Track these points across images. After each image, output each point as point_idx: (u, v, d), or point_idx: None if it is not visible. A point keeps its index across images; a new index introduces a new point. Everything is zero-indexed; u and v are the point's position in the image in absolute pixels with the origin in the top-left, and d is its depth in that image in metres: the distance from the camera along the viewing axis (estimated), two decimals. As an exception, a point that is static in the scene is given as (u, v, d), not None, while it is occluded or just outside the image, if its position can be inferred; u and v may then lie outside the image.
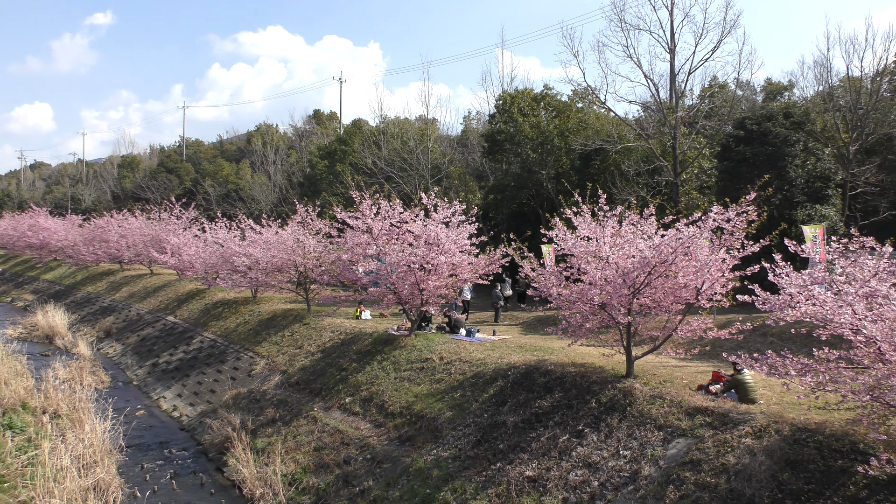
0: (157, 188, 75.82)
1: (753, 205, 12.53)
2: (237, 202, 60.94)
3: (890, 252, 9.38)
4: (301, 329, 24.28)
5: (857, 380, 8.81)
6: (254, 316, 28.06)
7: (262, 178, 63.46)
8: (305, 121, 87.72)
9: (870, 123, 30.34)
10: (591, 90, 34.95)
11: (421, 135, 47.50)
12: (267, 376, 21.58)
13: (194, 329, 29.85)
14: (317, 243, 26.13)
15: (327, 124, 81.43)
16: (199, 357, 26.23)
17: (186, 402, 22.89)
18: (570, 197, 14.59)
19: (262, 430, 17.94)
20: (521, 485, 11.58)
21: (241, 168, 75.86)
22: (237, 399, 20.46)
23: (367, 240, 20.33)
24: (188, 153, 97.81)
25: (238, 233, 32.83)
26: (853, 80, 31.65)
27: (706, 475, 9.75)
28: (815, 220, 23.82)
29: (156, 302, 37.31)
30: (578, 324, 13.98)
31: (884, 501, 7.99)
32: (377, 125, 54.61)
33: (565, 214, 14.53)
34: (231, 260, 28.88)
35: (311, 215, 27.25)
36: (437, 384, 16.49)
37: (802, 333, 10.50)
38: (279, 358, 22.52)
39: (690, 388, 12.57)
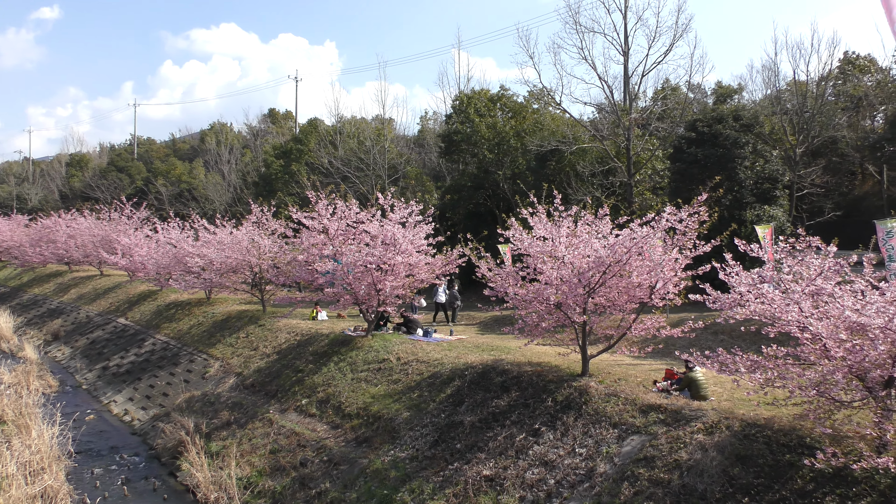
0: (107, 187, 74.12)
1: (705, 205, 12.77)
2: (190, 202, 59.96)
3: (835, 252, 9.66)
4: (256, 330, 23.99)
5: (804, 376, 9.05)
6: (208, 317, 27.63)
7: (216, 177, 62.53)
8: (260, 120, 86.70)
9: (815, 126, 31.23)
10: (547, 91, 35.29)
11: (377, 135, 47.33)
12: (221, 378, 21.27)
13: (146, 331, 29.27)
14: (272, 244, 25.86)
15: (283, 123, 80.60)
16: (152, 360, 25.72)
17: (138, 405, 22.43)
18: (527, 197, 14.68)
19: (216, 433, 17.67)
20: (479, 484, 11.62)
21: (195, 167, 74.64)
22: (191, 402, 20.12)
23: (324, 240, 20.18)
24: (139, 152, 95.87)
25: (191, 233, 32.28)
26: (799, 85, 32.52)
27: (660, 471, 9.91)
28: (764, 220, 24.39)
29: (106, 304, 36.49)
30: (535, 323, 14.08)
31: (829, 494, 8.22)
32: (333, 125, 54.25)
33: (521, 214, 14.62)
34: (184, 261, 28.40)
35: (266, 215, 26.95)
36: (394, 385, 16.45)
37: (752, 331, 10.78)
38: (234, 360, 22.22)
39: (644, 386, 12.77)
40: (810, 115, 31.06)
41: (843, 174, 36.23)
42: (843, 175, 36.06)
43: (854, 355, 8.53)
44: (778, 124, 32.26)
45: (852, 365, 8.59)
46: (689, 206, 12.74)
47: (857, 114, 36.48)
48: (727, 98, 41.16)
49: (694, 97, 42.45)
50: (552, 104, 36.59)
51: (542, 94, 36.29)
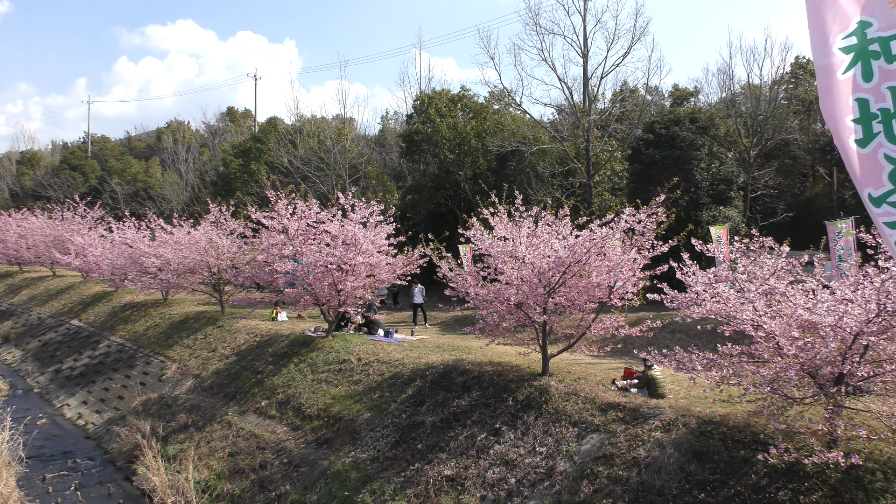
0: (59, 186, 72.41)
1: (662, 206, 12.97)
2: (146, 201, 58.92)
3: (787, 252, 9.89)
4: (215, 331, 23.66)
5: (758, 373, 9.24)
6: (165, 319, 27.17)
7: (173, 176, 61.55)
8: (219, 118, 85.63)
9: (768, 129, 31.95)
10: (508, 92, 35.53)
11: (338, 134, 47.08)
12: (179, 381, 20.93)
13: (101, 333, 28.65)
14: (231, 244, 25.55)
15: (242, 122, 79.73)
16: (107, 362, 25.19)
17: (92, 409, 21.95)
18: (487, 197, 14.76)
19: (173, 436, 17.39)
20: (440, 484, 11.63)
21: (151, 166, 73.39)
22: (147, 405, 19.77)
23: (283, 240, 20.00)
24: (93, 150, 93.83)
25: (147, 233, 31.71)
26: (753, 88, 33.25)
27: (618, 469, 10.03)
28: (720, 221, 24.86)
29: (59, 305, 35.63)
30: (495, 323, 14.14)
31: (782, 488, 8.41)
32: (293, 124, 53.81)
33: (482, 215, 14.67)
34: (140, 261, 27.89)
35: (224, 215, 26.62)
36: (355, 385, 16.37)
37: (708, 330, 10.99)
38: (192, 361, 21.89)
39: (604, 385, 12.91)
40: (764, 118, 31.77)
41: (795, 176, 37.13)
42: (795, 177, 36.96)
43: (806, 353, 8.75)
44: (733, 127, 32.93)
45: (804, 362, 8.81)
46: (648, 207, 12.92)
47: (809, 117, 37.38)
48: (684, 101, 41.88)
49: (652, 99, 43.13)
50: (513, 105, 36.86)
51: (502, 94, 36.53)
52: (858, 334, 8.40)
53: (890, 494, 7.75)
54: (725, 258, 19.72)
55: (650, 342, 16.20)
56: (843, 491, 8.02)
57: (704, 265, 12.29)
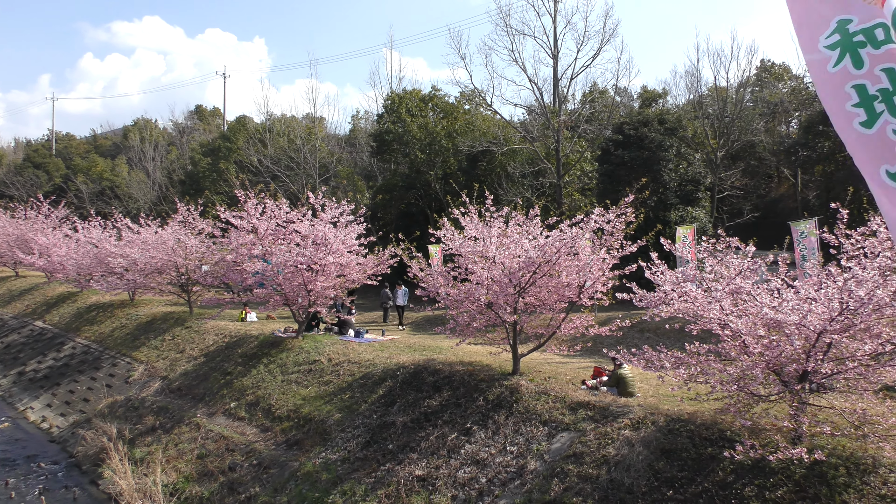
0: (22, 184, 70.92)
1: (631, 207, 13.09)
2: (113, 200, 58.04)
3: (753, 252, 10.04)
4: (183, 332, 23.39)
5: (725, 371, 9.37)
6: (131, 320, 26.78)
7: (140, 175, 60.69)
8: (187, 116, 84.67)
9: (735, 131, 32.44)
10: (478, 92, 35.66)
11: (308, 133, 46.83)
12: (146, 382, 20.65)
13: (66, 334, 28.15)
14: (199, 243, 25.29)
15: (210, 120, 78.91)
16: (72, 364, 24.76)
17: (57, 412, 21.56)
18: (458, 197, 14.76)
19: (140, 438, 17.15)
20: (411, 484, 11.62)
21: (118, 164, 72.23)
22: (113, 407, 19.47)
23: (253, 240, 19.82)
24: (58, 148, 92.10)
25: (114, 232, 31.24)
26: (720, 90, 33.71)
27: (588, 467, 10.11)
28: (687, 221, 25.18)
29: (22, 306, 34.95)
30: (466, 323, 14.16)
31: (748, 485, 8.54)
32: (263, 123, 53.43)
33: (453, 215, 14.68)
34: (106, 261, 27.46)
35: (193, 214, 26.32)
36: (325, 386, 16.29)
37: (676, 329, 11.13)
38: (159, 363, 21.61)
39: (574, 384, 13.00)
40: (730, 120, 32.24)
41: (761, 177, 37.73)
42: (760, 178, 37.55)
43: (771, 351, 8.89)
44: (700, 128, 33.36)
45: (770, 360, 8.95)
46: (617, 208, 13.04)
47: (774, 119, 38.03)
48: (652, 102, 42.32)
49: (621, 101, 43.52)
50: (483, 105, 36.96)
51: (473, 94, 36.62)
52: (822, 332, 8.56)
53: (852, 489, 7.91)
54: (693, 258, 19.98)
55: (619, 341, 16.35)
56: (808, 486, 8.17)
57: (673, 265, 12.43)
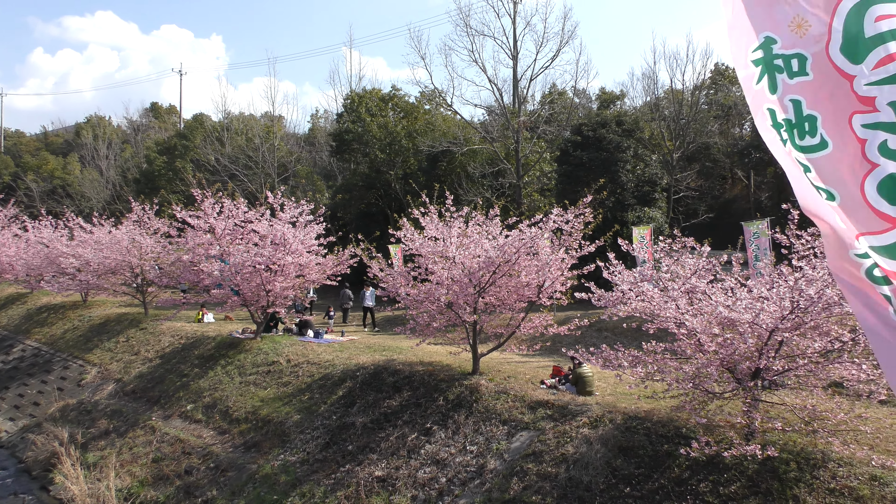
0: (-32, 183, 68.89)
1: (590, 207, 13.23)
2: (65, 199, 56.70)
3: (708, 252, 10.24)
4: (138, 334, 22.95)
5: (681, 369, 9.54)
6: (84, 321, 26.19)
7: (93, 173, 59.38)
8: (142, 114, 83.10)
9: (690, 133, 33.00)
10: (439, 92, 35.70)
11: (267, 132, 46.32)
12: (99, 385, 20.22)
13: (14, 337, 27.41)
14: (155, 243, 24.87)
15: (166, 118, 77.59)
16: (21, 367, 24.12)
17: (5, 416, 20.98)
18: (418, 197, 14.76)
19: (93, 443, 16.78)
20: (371, 485, 11.58)
21: (70, 162, 70.53)
22: (65, 411, 19.02)
23: (210, 240, 19.55)
24: (7, 145, 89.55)
25: (66, 232, 30.53)
26: (676, 93, 34.26)
27: (547, 465, 10.18)
28: (644, 221, 25.54)
29: (-32, 308, 33.93)
30: (426, 323, 14.16)
31: (703, 480, 8.70)
32: (220, 121, 52.71)
33: (413, 215, 14.67)
34: (58, 261, 26.84)
35: (148, 214, 25.87)
36: (284, 387, 16.14)
37: (633, 328, 11.26)
38: (113, 365, 21.17)
39: (533, 383, 13.09)
40: (686, 122, 32.80)
41: (715, 178, 38.46)
42: (715, 179, 38.28)
43: (725, 349, 9.07)
44: (657, 130, 33.87)
45: (724, 358, 9.13)
46: (575, 208, 13.16)
47: (728, 122, 38.81)
48: (610, 104, 42.85)
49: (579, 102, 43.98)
50: (443, 105, 37.02)
51: (433, 94, 36.66)
52: (774, 330, 8.76)
53: (803, 483, 8.11)
54: (650, 258, 20.27)
55: (578, 340, 16.48)
56: (760, 481, 8.35)
57: (630, 265, 12.60)
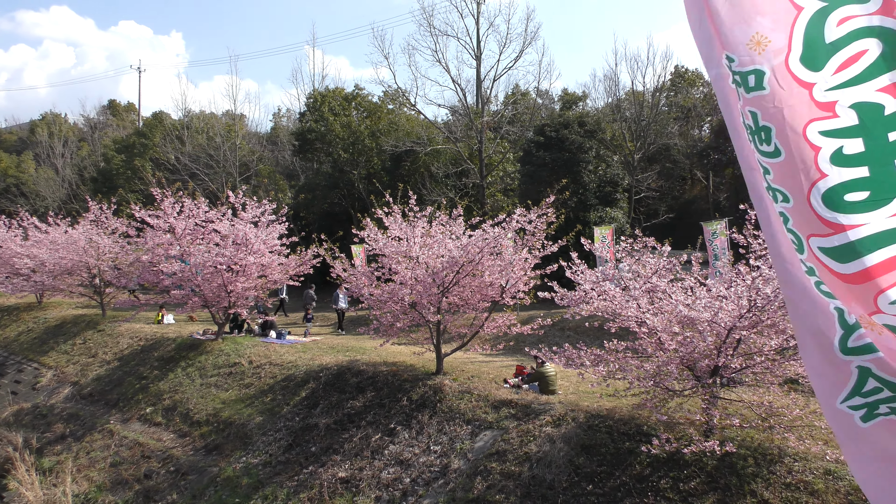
0: (-84, 181, 66.81)
1: (552, 207, 13.32)
2: (18, 198, 55.26)
3: (668, 251, 10.38)
4: (95, 336, 22.51)
5: (642, 367, 9.67)
6: (39, 323, 25.60)
7: (48, 172, 58.02)
8: (99, 111, 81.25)
9: (651, 134, 33.45)
10: (402, 92, 35.61)
11: (228, 131, 45.80)
12: (55, 389, 19.77)
13: (-35, 340, 26.69)
14: (113, 243, 24.42)
15: (124, 116, 76.11)
16: (-28, 371, 23.49)
17: (-44, 422, 20.42)
18: (382, 197, 14.71)
19: (49, 447, 16.41)
20: (334, 486, 11.52)
21: (24, 161, 68.74)
22: (19, 415, 18.56)
23: (170, 240, 19.25)
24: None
25: (20, 232, 29.78)
26: (637, 94, 34.68)
27: (511, 464, 10.23)
28: (606, 221, 25.81)
29: (-84, 310, 32.93)
30: (390, 323, 14.12)
31: (664, 477, 8.82)
32: (180, 119, 51.92)
33: (376, 215, 14.62)
34: (11, 262, 26.18)
35: (105, 213, 25.39)
36: (246, 389, 15.97)
37: (595, 327, 11.39)
38: (69, 368, 20.73)
39: (496, 383, 13.14)
40: (646, 124, 33.22)
41: (675, 179, 38.99)
42: (675, 180, 38.79)
43: (685, 347, 9.22)
44: (618, 131, 34.25)
45: (684, 356, 9.28)
46: (538, 208, 13.24)
47: (687, 123, 39.39)
48: (573, 105, 43.17)
49: (542, 103, 44.24)
50: (407, 105, 36.96)
51: (397, 94, 36.58)
52: (732, 329, 8.92)
53: (760, 479, 8.27)
54: (611, 257, 20.49)
55: (541, 340, 16.62)
56: (719, 477, 8.49)
57: (592, 264, 12.73)
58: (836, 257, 3.11)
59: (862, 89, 3.12)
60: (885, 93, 3.08)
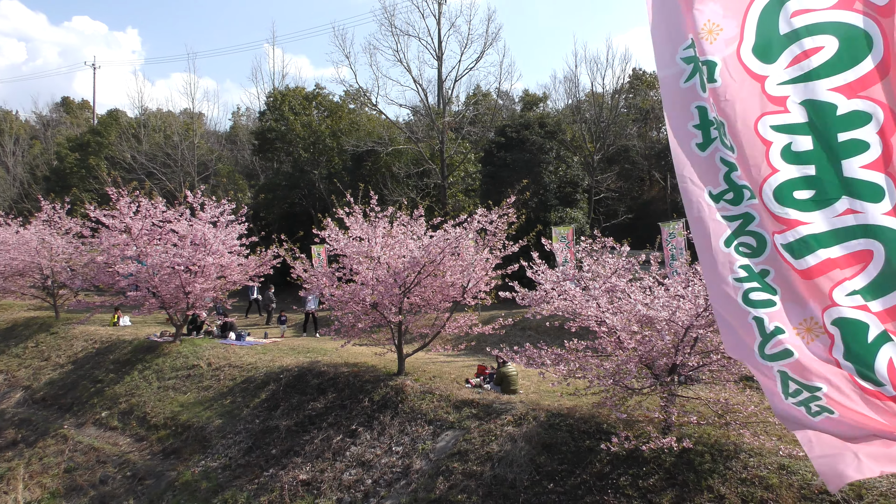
0: None
1: (513, 207, 13.41)
2: (-33, 198, 53.79)
3: (627, 251, 10.52)
4: (48, 339, 21.97)
5: (602, 366, 9.79)
6: (-12, 326, 24.92)
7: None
8: (52, 108, 79.25)
9: (610, 135, 33.85)
10: (363, 92, 35.49)
11: (186, 129, 45.04)
12: (6, 393, 19.25)
13: (-89, 344, 25.84)
14: (66, 244, 23.84)
15: (79, 114, 74.40)
16: (-82, 376, 22.76)
17: None
18: (343, 197, 14.63)
19: (0, 454, 16.00)
20: (295, 489, 11.43)
21: (-28, 159, 66.95)
22: (-33, 421, 18.04)
23: (126, 240, 18.88)
24: None
25: (-32, 232, 28.93)
26: (596, 96, 35.07)
27: (473, 464, 10.26)
28: (566, 222, 26.01)
29: None
30: (351, 324, 14.06)
31: (623, 474, 8.93)
32: (137, 117, 50.92)
33: (338, 215, 14.54)
34: (-41, 263, 25.43)
35: (59, 213, 24.78)
36: (205, 391, 15.75)
37: (556, 326, 11.50)
38: (21, 372, 20.20)
39: (458, 383, 13.17)
40: (606, 125, 33.62)
41: (634, 180, 39.50)
42: (633, 181, 39.31)
43: (644, 346, 9.35)
44: (578, 132, 34.57)
45: (642, 355, 9.41)
46: (499, 208, 13.32)
47: (646, 125, 39.91)
48: (533, 106, 43.48)
49: (503, 104, 44.45)
50: (368, 105, 36.82)
51: (358, 94, 36.44)
52: (689, 327, 9.08)
53: (717, 474, 8.43)
54: (572, 258, 20.68)
55: (502, 339, 16.70)
56: (677, 473, 8.63)
57: (553, 264, 12.83)
58: (792, 253, 3.16)
59: (814, 86, 3.10)
60: (838, 92, 3.07)
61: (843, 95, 3.06)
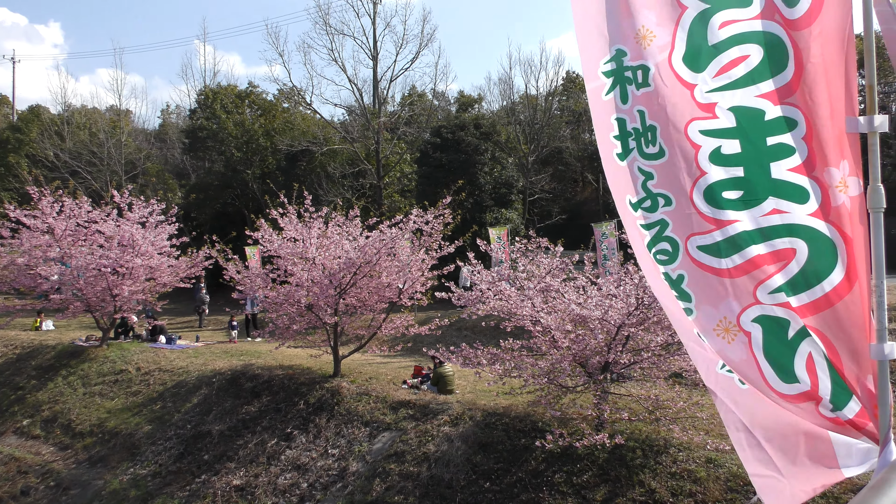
0: None
1: (449, 208, 13.46)
2: None
3: (561, 251, 10.70)
4: (-37, 345, 20.97)
5: (537, 365, 9.92)
6: None
7: None
8: (-33, 104, 75.74)
9: (544, 137, 34.34)
10: (297, 91, 35.08)
11: (113, 127, 43.63)
12: (-83, 403, 18.30)
13: None
14: (-17, 245, 22.82)
15: (-4, 110, 71.23)
16: None
17: None
18: (277, 198, 14.42)
19: (-90, 467, 15.18)
20: (229, 495, 11.21)
21: None
22: None
23: (49, 241, 18.18)
24: None
25: None
26: (531, 98, 35.52)
27: (409, 465, 10.26)
28: (501, 222, 26.26)
29: None
30: (286, 326, 13.88)
31: (558, 471, 9.08)
32: (60, 113, 49.04)
33: (271, 215, 14.33)
34: None
35: (-26, 213, 23.70)
36: (133, 397, 15.30)
37: (492, 326, 11.62)
38: (-66, 380, 19.23)
39: (395, 384, 13.14)
40: (540, 127, 34.09)
41: (568, 181, 40.16)
42: (567, 182, 39.96)
43: (577, 344, 9.53)
44: (513, 134, 34.94)
45: (576, 353, 9.59)
46: (435, 209, 13.35)
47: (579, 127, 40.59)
48: (469, 107, 43.67)
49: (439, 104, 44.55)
50: (302, 104, 36.42)
51: (292, 93, 35.96)
52: (621, 326, 9.29)
53: (648, 469, 8.65)
54: (507, 258, 20.88)
55: (439, 340, 16.74)
56: (610, 469, 8.82)
57: (489, 265, 12.95)
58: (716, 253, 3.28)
59: (742, 93, 3.23)
60: (765, 98, 3.19)
61: (770, 102, 3.20)
